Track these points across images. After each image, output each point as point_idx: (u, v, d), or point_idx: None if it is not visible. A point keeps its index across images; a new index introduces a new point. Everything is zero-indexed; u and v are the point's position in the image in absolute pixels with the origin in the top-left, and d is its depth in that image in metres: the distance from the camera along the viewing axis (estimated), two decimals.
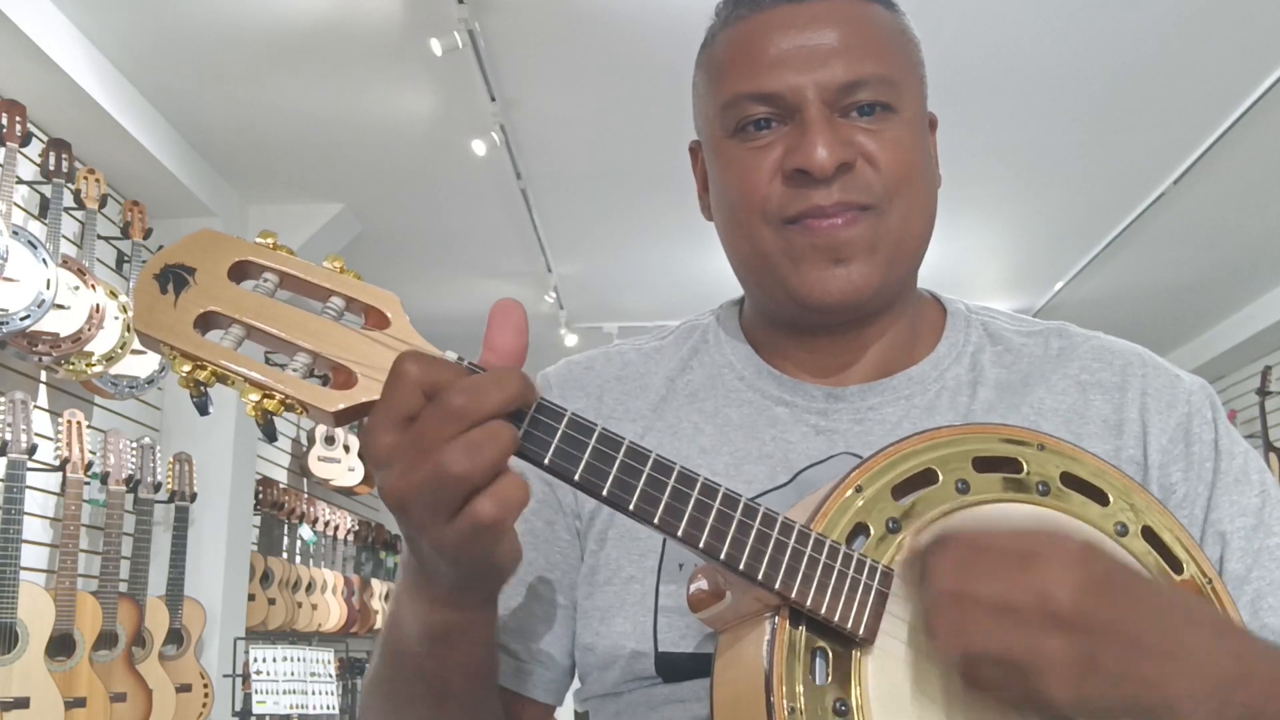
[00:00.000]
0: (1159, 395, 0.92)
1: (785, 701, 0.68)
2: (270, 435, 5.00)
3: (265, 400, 0.67)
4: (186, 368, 0.67)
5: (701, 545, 0.69)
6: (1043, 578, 0.65)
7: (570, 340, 6.21)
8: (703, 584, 0.77)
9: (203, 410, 3.90)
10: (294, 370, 0.68)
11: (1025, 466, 0.79)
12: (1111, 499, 0.80)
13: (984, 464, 0.78)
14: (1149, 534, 0.79)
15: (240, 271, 0.70)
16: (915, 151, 0.89)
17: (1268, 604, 0.85)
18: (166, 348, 0.67)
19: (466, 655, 0.80)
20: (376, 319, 0.70)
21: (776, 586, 0.70)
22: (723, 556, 0.70)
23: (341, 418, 0.68)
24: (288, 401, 0.67)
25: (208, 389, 0.67)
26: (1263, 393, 5.56)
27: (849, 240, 0.87)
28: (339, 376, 0.68)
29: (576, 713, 0.97)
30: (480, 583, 0.74)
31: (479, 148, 3.99)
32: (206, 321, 0.68)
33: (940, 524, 0.75)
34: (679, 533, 0.69)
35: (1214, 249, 5.14)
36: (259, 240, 0.70)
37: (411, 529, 0.68)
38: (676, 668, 0.86)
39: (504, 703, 0.91)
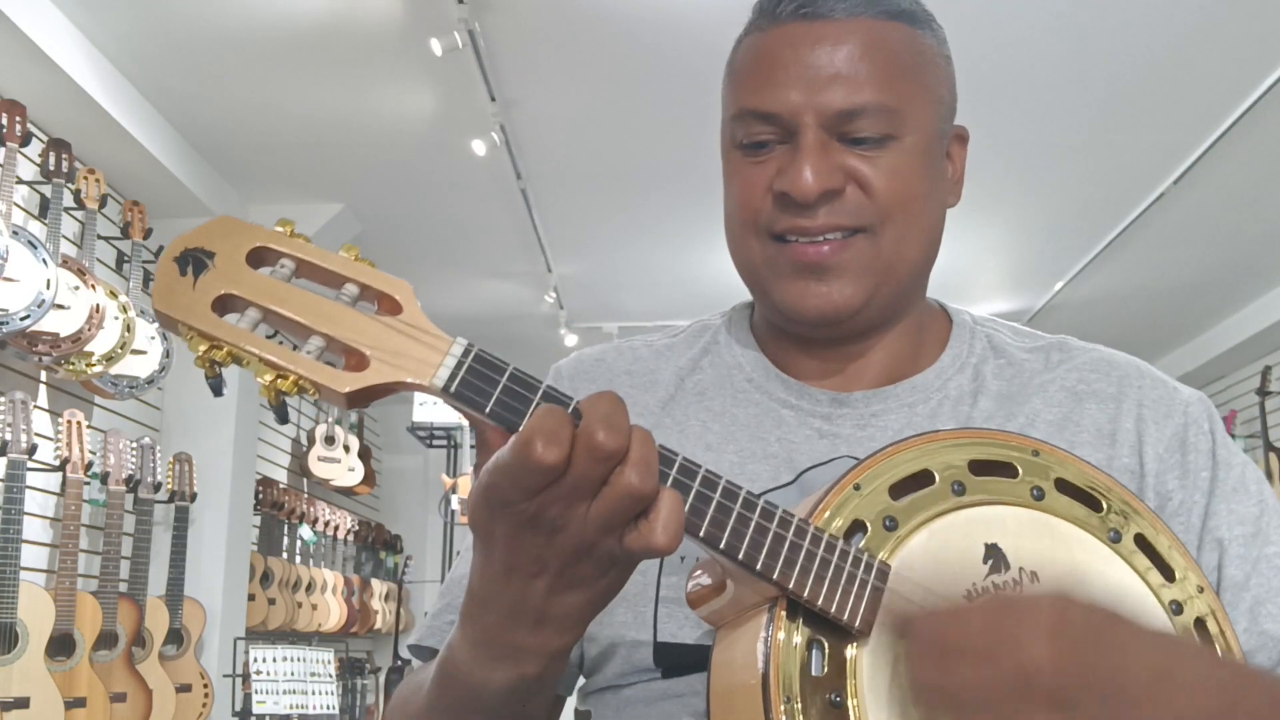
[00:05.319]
0: (1155, 406, 0.92)
1: (781, 692, 0.69)
2: (283, 417, 5.01)
3: (279, 381, 0.68)
4: (203, 347, 0.68)
5: (701, 534, 0.70)
6: (1018, 648, 0.63)
7: (570, 340, 6.21)
8: (702, 579, 0.78)
9: (217, 391, 3.92)
10: (308, 352, 0.69)
11: (1020, 471, 0.80)
12: (1105, 506, 0.80)
13: (980, 467, 0.79)
14: (1141, 541, 0.80)
15: (258, 257, 0.71)
16: (914, 178, 0.89)
17: (1266, 611, 0.85)
18: (184, 327, 0.68)
19: (544, 699, 0.81)
20: (389, 305, 0.71)
21: (775, 577, 0.71)
22: (722, 546, 0.70)
23: (353, 399, 0.69)
24: (301, 382, 0.68)
25: (223, 369, 0.68)
26: (1263, 393, 5.58)
27: (834, 265, 0.88)
28: (351, 359, 0.70)
29: (577, 710, 0.97)
30: (591, 611, 0.73)
31: (479, 148, 4.00)
32: (224, 304, 0.69)
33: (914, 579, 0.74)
34: None
35: (1214, 249, 5.15)
36: (277, 228, 0.72)
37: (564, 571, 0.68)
38: (675, 658, 0.87)
39: None
